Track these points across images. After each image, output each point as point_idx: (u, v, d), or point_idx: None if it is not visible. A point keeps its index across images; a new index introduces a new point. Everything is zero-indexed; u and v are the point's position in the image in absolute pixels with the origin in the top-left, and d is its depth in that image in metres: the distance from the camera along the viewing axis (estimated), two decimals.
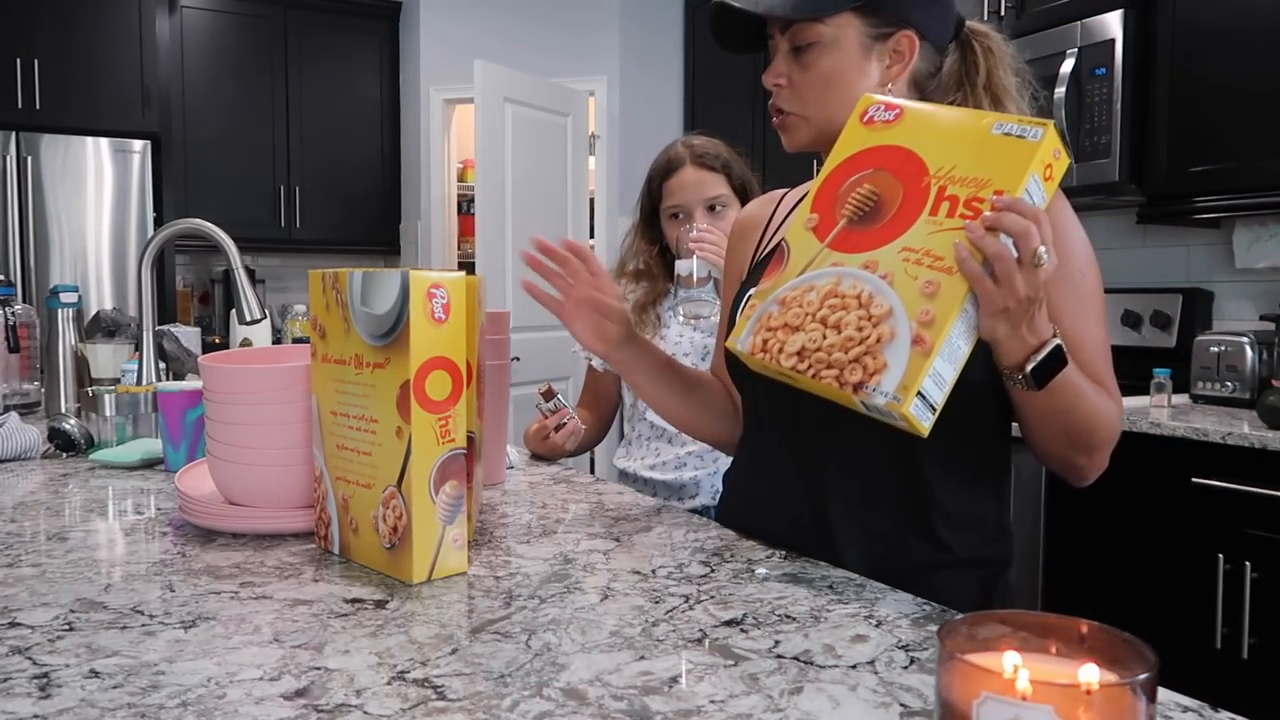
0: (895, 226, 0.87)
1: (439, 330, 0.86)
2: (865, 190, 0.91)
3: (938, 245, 0.85)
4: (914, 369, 0.82)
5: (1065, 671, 0.47)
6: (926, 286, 0.84)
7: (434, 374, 0.86)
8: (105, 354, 1.95)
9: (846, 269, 0.89)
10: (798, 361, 0.88)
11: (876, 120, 0.93)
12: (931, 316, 0.83)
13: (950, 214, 0.85)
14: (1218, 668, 2.06)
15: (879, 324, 0.85)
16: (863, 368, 0.84)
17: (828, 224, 0.91)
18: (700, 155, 1.80)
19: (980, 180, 0.84)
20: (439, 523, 0.87)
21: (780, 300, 0.91)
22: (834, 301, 0.88)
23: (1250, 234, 2.60)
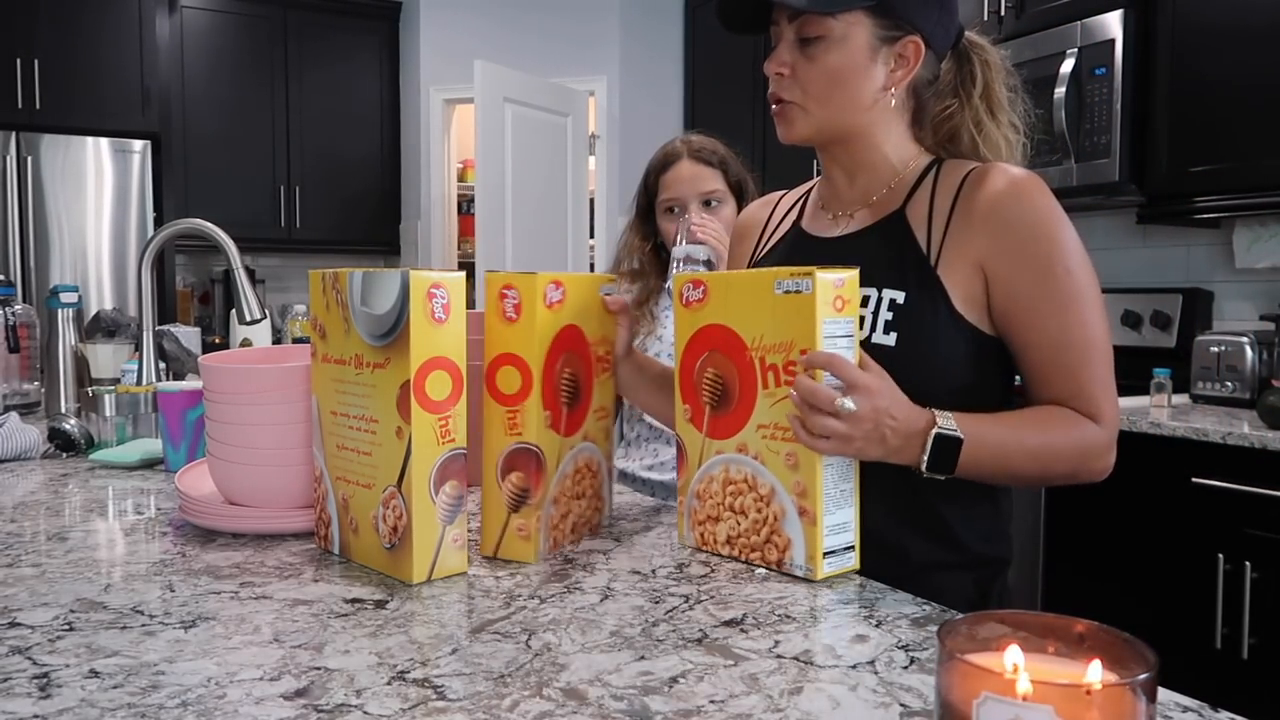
0: (745, 406, 0.93)
1: (439, 330, 0.86)
2: (711, 375, 0.96)
3: (779, 416, 0.90)
4: (811, 540, 0.88)
5: (1065, 671, 0.47)
6: (788, 459, 0.89)
7: (434, 374, 0.86)
8: (105, 354, 1.95)
9: (729, 455, 0.95)
10: (731, 549, 0.95)
11: (692, 301, 0.98)
12: (803, 487, 0.89)
13: (778, 383, 0.90)
14: (1218, 668, 2.06)
15: (769, 503, 0.91)
16: (776, 547, 0.91)
17: (698, 413, 0.97)
18: (697, 150, 1.81)
19: (785, 344, 0.89)
20: (439, 523, 0.87)
21: (696, 494, 0.98)
22: (732, 488, 0.94)
23: (1250, 234, 2.60)
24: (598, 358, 1.04)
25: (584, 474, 1.03)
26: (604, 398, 1.06)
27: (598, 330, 1.04)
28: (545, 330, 0.94)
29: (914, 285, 0.99)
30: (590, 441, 1.03)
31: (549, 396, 0.95)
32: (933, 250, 1.00)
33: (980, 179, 1.00)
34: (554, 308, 0.95)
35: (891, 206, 1.05)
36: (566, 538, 1.00)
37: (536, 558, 0.95)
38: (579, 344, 1.00)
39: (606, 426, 1.07)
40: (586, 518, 1.04)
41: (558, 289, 0.96)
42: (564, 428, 0.98)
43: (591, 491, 1.05)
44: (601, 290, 1.05)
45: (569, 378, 0.98)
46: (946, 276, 0.98)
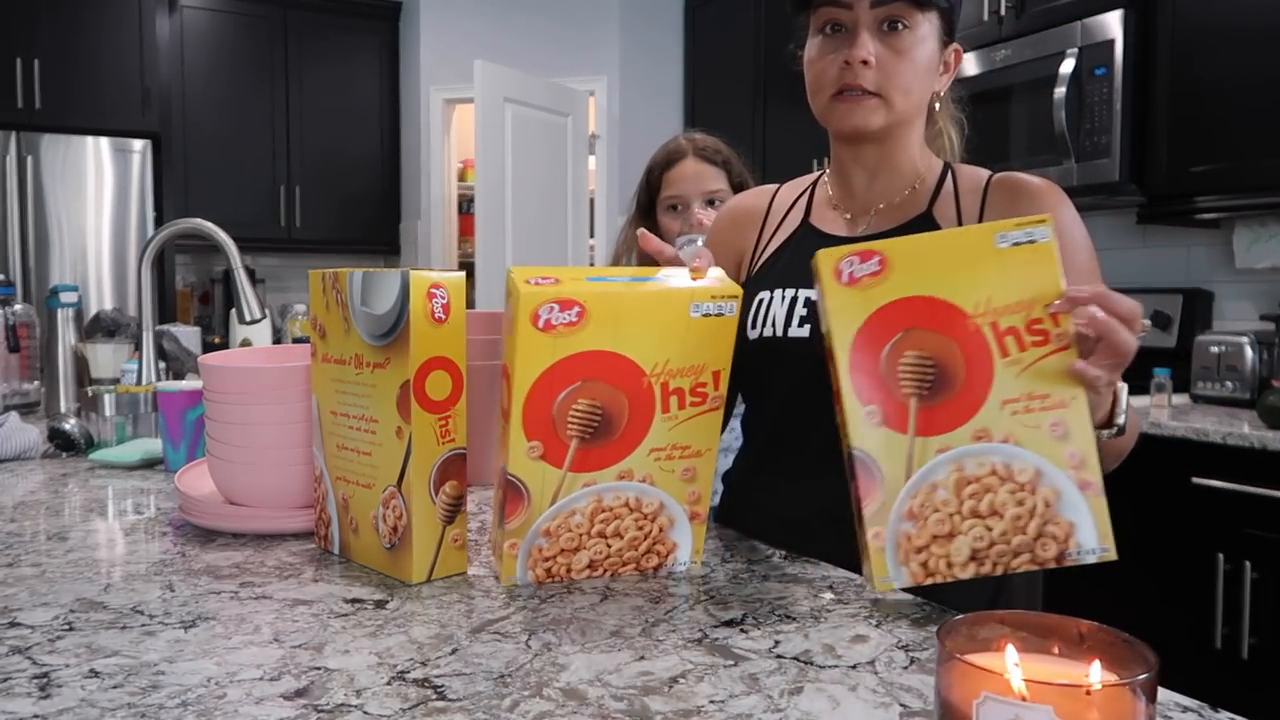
0: (978, 384, 0.78)
1: (439, 330, 0.86)
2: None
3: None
4: (1100, 513, 0.78)
5: (1065, 671, 0.47)
6: (1054, 429, 0.77)
7: (434, 374, 0.86)
8: (105, 354, 1.95)
9: (961, 449, 0.78)
10: (977, 567, 0.79)
11: (861, 277, 0.79)
12: (1080, 457, 0.77)
13: (1022, 347, 0.77)
14: (1218, 668, 2.06)
15: (1035, 490, 0.77)
16: (1053, 539, 0.78)
17: (897, 411, 0.78)
18: (701, 149, 1.81)
19: (1025, 302, 0.77)
20: (439, 523, 0.87)
21: (908, 515, 0.78)
22: (973, 489, 0.78)
23: (1250, 234, 2.60)
24: (673, 390, 0.86)
25: (617, 514, 0.88)
26: (681, 437, 0.87)
27: (678, 357, 0.85)
28: (535, 353, 0.82)
29: None
30: (645, 483, 0.88)
31: (538, 425, 0.84)
32: None
33: (1009, 182, 1.03)
34: (553, 330, 0.82)
35: (916, 209, 1.06)
36: (575, 572, 0.89)
37: (514, 575, 0.87)
38: (617, 373, 0.84)
39: (686, 467, 0.89)
40: (626, 558, 0.90)
41: (568, 310, 0.82)
42: (570, 463, 0.85)
43: (640, 534, 0.89)
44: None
45: (586, 410, 0.84)
46: None
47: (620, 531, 0.89)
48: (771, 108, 3.85)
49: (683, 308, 0.84)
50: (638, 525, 0.89)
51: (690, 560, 0.92)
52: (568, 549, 0.88)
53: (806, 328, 1.04)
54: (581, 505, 0.87)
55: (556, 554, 0.88)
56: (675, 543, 0.90)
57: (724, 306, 0.85)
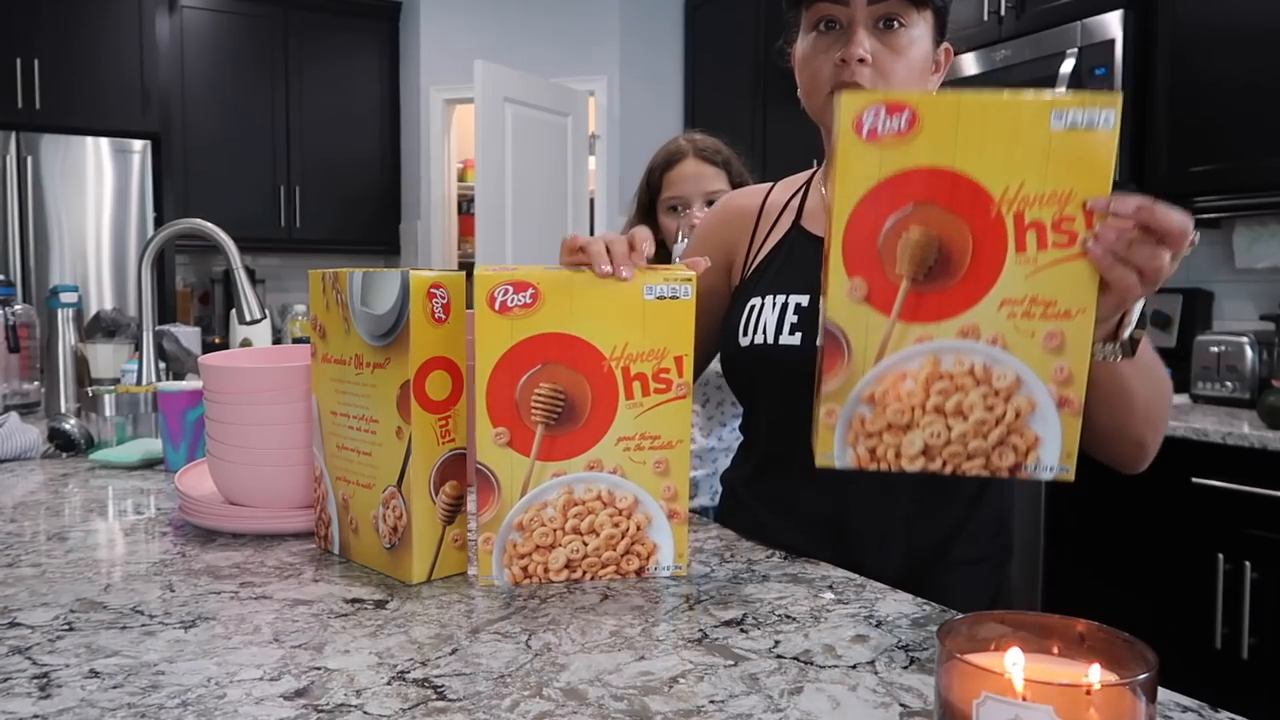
0: (980, 277, 0.72)
1: (439, 330, 0.86)
2: (918, 237, 0.72)
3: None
4: (1071, 433, 0.73)
5: (1065, 671, 0.47)
6: (1049, 340, 0.72)
7: (434, 374, 0.86)
8: (105, 354, 1.95)
9: (941, 343, 0.73)
10: (926, 463, 0.75)
11: (883, 134, 0.71)
12: (1068, 373, 0.72)
13: (1042, 245, 0.71)
14: (1218, 668, 2.06)
15: (1009, 398, 0.73)
16: (1013, 450, 0.74)
17: (883, 290, 0.73)
18: (702, 150, 1.81)
19: (1062, 195, 0.70)
20: (439, 523, 0.87)
21: (868, 399, 0.74)
22: (942, 385, 0.74)
23: (1250, 234, 2.60)
24: (634, 375, 0.85)
25: (590, 509, 0.87)
26: (649, 426, 0.86)
27: (637, 341, 0.85)
28: (494, 336, 0.83)
29: None
30: (616, 475, 0.86)
31: (502, 410, 0.83)
32: None
33: None
34: (509, 312, 0.82)
35: None
36: (553, 573, 0.87)
37: (491, 573, 0.86)
38: (576, 356, 0.84)
39: (658, 460, 0.87)
40: (604, 559, 0.88)
41: (522, 292, 0.82)
42: (537, 450, 0.85)
43: (616, 531, 0.88)
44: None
45: (548, 394, 0.84)
46: None
47: (595, 528, 0.87)
48: (771, 107, 3.85)
49: (635, 290, 0.84)
50: (613, 521, 0.87)
51: (675, 564, 0.89)
52: (542, 545, 0.86)
53: (798, 335, 1.03)
54: (552, 497, 0.86)
55: (531, 550, 0.86)
56: (655, 543, 0.88)
57: (678, 289, 0.84)
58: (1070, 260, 0.71)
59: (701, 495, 1.76)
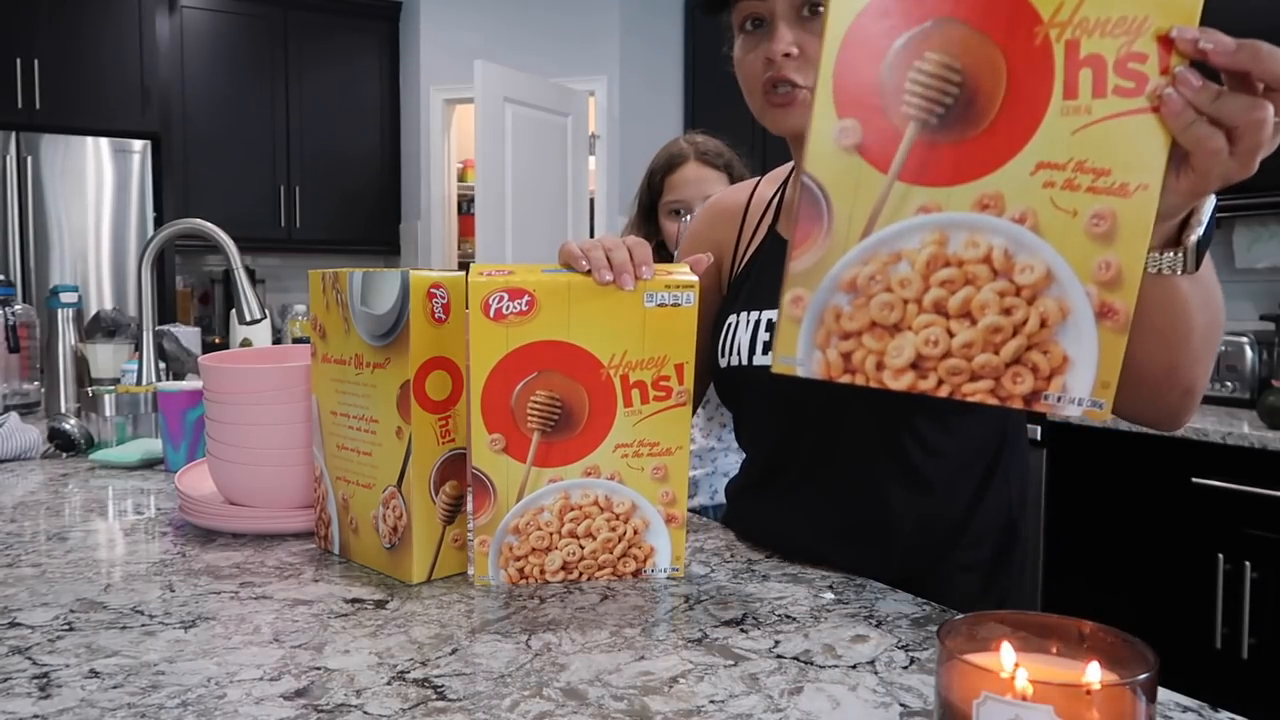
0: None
1: (439, 330, 0.86)
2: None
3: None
4: (1110, 355, 0.57)
5: (1065, 671, 0.47)
6: (1095, 223, 0.55)
7: (434, 374, 0.86)
8: (105, 354, 1.95)
9: (950, 216, 0.56)
10: (916, 379, 0.60)
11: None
12: (1116, 270, 0.56)
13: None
14: (1218, 668, 2.06)
15: (1036, 298, 0.57)
16: (1032, 371, 0.58)
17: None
18: (704, 153, 1.80)
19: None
20: (439, 523, 0.87)
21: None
22: (948, 274, 0.57)
23: (1250, 234, 2.60)
24: (633, 383, 0.83)
25: (587, 513, 0.86)
26: (648, 433, 0.85)
27: (636, 348, 0.83)
28: (489, 343, 0.82)
29: None
30: (615, 480, 0.86)
31: (497, 417, 0.83)
32: None
33: None
34: (504, 320, 0.81)
35: None
36: (549, 574, 0.87)
37: (487, 574, 0.86)
38: (573, 364, 0.83)
39: (656, 466, 0.86)
40: (601, 561, 0.88)
41: (518, 299, 0.81)
42: (533, 456, 0.84)
43: (613, 535, 0.87)
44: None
45: (544, 401, 0.83)
46: None
47: (592, 532, 0.87)
48: None
49: (635, 297, 0.82)
50: (610, 526, 0.87)
51: (672, 567, 0.89)
52: (539, 548, 0.86)
53: (769, 356, 1.00)
54: (549, 502, 0.85)
55: (528, 553, 0.86)
56: (652, 546, 0.88)
57: (680, 296, 0.82)
58: (1135, 114, 0.54)
59: (701, 494, 1.76)
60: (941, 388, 0.59)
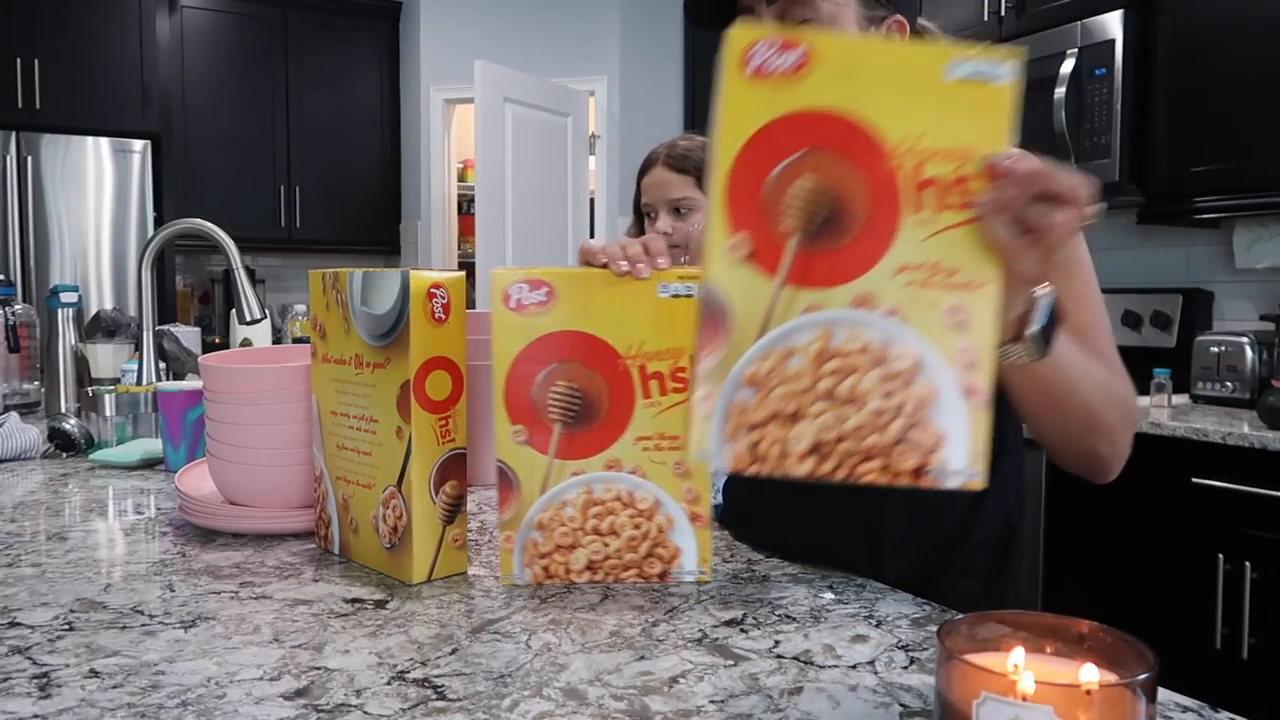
0: (875, 237, 0.64)
1: (439, 330, 0.86)
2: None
3: (944, 253, 0.64)
4: (979, 429, 0.64)
5: (1065, 671, 0.47)
6: (952, 315, 0.64)
7: (435, 374, 0.86)
8: (105, 354, 1.95)
9: (831, 314, 0.64)
10: (817, 464, 0.65)
11: (773, 70, 0.63)
12: (974, 354, 0.64)
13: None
14: (1218, 668, 2.06)
15: (910, 382, 0.64)
16: (916, 448, 0.64)
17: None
18: (672, 156, 1.84)
19: (961, 151, 0.63)
20: (439, 523, 0.87)
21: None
22: (835, 365, 0.65)
23: (1250, 234, 2.60)
24: (651, 374, 0.84)
25: (610, 509, 0.86)
26: (668, 426, 0.84)
27: (652, 339, 0.83)
28: (510, 334, 0.83)
29: None
30: (636, 475, 0.85)
31: (520, 408, 0.84)
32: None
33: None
34: (525, 310, 0.83)
35: None
36: (574, 573, 0.87)
37: (512, 572, 0.86)
38: (592, 354, 0.84)
39: (678, 461, 0.85)
40: (626, 560, 0.87)
41: (537, 290, 0.83)
42: (555, 448, 0.85)
43: (637, 533, 0.86)
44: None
45: (566, 392, 0.84)
46: None
47: (616, 529, 0.86)
48: None
49: (649, 287, 0.83)
50: (634, 523, 0.86)
51: (699, 569, 0.87)
52: (563, 545, 0.86)
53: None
54: (572, 496, 0.85)
55: (552, 550, 0.86)
56: (679, 547, 0.86)
57: (693, 288, 0.82)
58: (971, 223, 0.64)
59: None
60: (840, 470, 0.66)
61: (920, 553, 1.00)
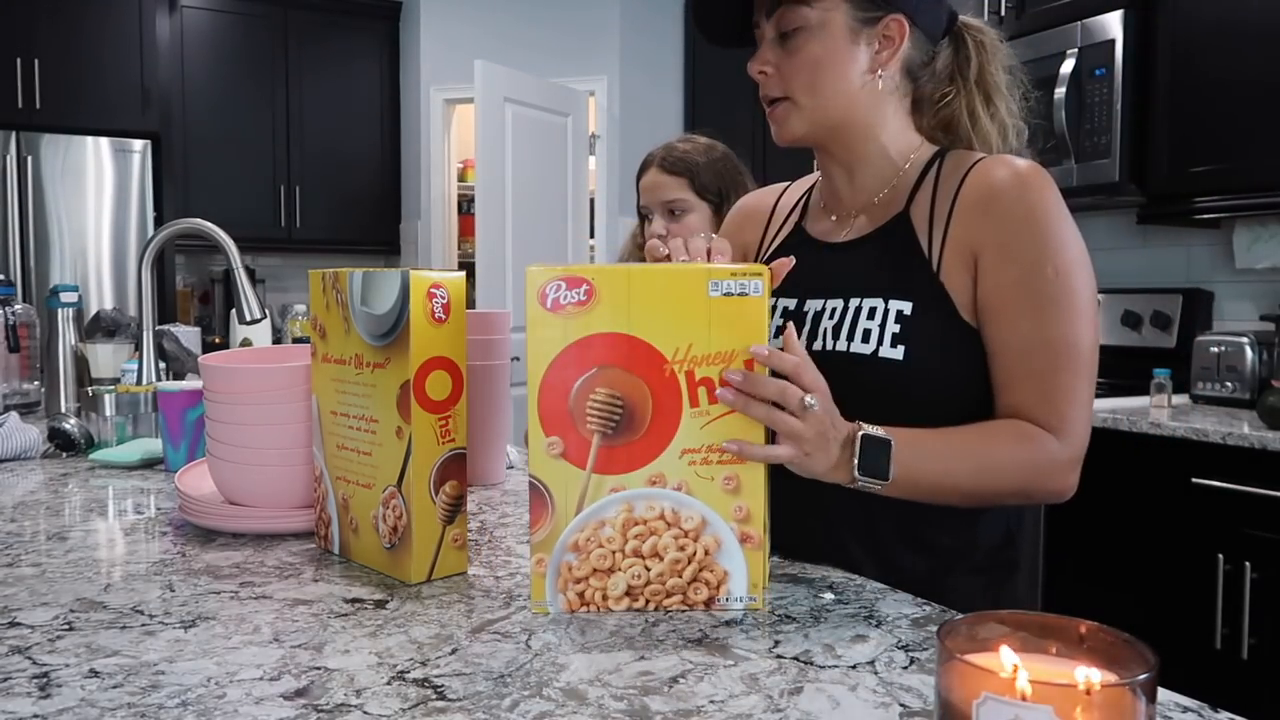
0: (661, 430, 0.78)
1: (439, 330, 0.86)
2: (604, 397, 0.79)
3: (717, 437, 0.78)
4: (755, 565, 0.80)
5: (1065, 672, 0.47)
6: (727, 483, 0.79)
7: (435, 374, 0.86)
8: (105, 354, 1.95)
9: (632, 491, 0.79)
10: (630, 601, 0.80)
11: (566, 305, 0.78)
12: (746, 511, 0.79)
13: (713, 399, 0.78)
14: (1218, 668, 2.06)
15: (698, 537, 0.79)
16: (706, 584, 0.80)
17: (577, 445, 0.79)
18: (666, 159, 1.85)
19: (725, 354, 0.77)
20: (439, 523, 0.87)
21: (572, 546, 0.79)
22: (639, 530, 0.79)
23: (1250, 234, 2.60)
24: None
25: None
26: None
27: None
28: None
29: (920, 295, 0.96)
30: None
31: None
32: (934, 254, 0.97)
33: (982, 171, 0.98)
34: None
35: (895, 208, 1.03)
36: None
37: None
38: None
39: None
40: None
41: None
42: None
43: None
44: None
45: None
46: (949, 281, 0.96)
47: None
48: None
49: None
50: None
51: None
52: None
53: (778, 341, 1.02)
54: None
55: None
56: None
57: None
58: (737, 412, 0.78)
59: None
60: (649, 605, 0.81)
61: (925, 550, 1.00)
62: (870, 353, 0.96)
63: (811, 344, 1.01)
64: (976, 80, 1.05)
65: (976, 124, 1.05)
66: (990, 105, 1.05)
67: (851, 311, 0.99)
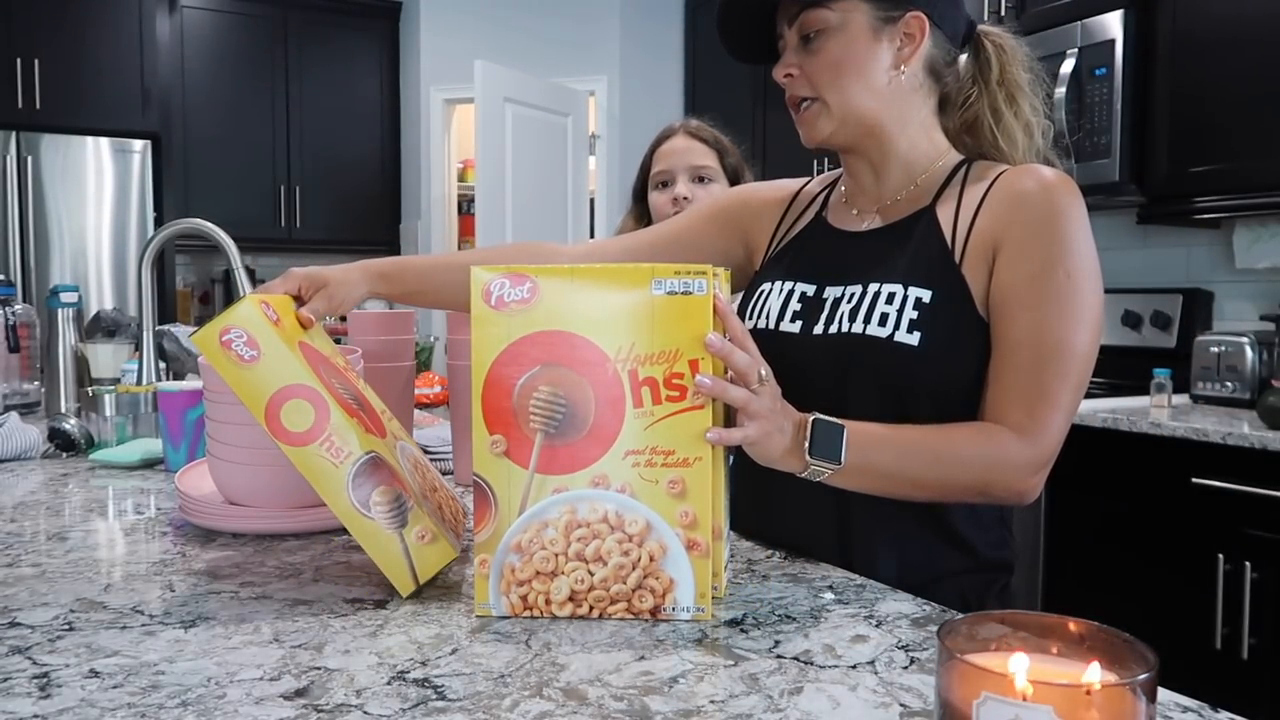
0: (604, 430, 0.77)
1: (255, 369, 0.81)
2: (546, 395, 0.78)
3: (661, 438, 0.77)
4: (702, 574, 0.78)
5: (1065, 671, 0.47)
6: (672, 486, 0.77)
7: (287, 406, 0.81)
8: (105, 354, 1.95)
9: (575, 492, 0.78)
10: (574, 608, 0.78)
11: (510, 302, 0.78)
12: (693, 516, 0.77)
13: (656, 399, 0.77)
14: (1218, 668, 2.06)
15: (642, 542, 0.78)
16: (651, 592, 0.78)
17: (520, 444, 0.78)
18: (694, 128, 1.82)
19: (669, 353, 0.76)
20: (390, 533, 0.82)
21: (515, 547, 0.78)
22: (582, 533, 0.78)
23: (1250, 234, 2.60)
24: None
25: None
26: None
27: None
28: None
29: (939, 283, 0.97)
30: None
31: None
32: (957, 247, 0.98)
33: (1012, 177, 0.99)
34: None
35: (921, 203, 1.04)
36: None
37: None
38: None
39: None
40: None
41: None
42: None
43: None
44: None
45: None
46: (969, 273, 0.97)
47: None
48: (772, 108, 3.85)
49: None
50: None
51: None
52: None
53: (798, 324, 1.04)
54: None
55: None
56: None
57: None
58: (684, 412, 0.77)
59: None
60: (593, 612, 0.79)
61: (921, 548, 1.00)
62: (886, 336, 0.96)
63: (828, 328, 1.01)
64: (999, 81, 1.06)
65: (1000, 121, 1.06)
66: (1014, 104, 1.06)
67: (870, 296, 0.99)
